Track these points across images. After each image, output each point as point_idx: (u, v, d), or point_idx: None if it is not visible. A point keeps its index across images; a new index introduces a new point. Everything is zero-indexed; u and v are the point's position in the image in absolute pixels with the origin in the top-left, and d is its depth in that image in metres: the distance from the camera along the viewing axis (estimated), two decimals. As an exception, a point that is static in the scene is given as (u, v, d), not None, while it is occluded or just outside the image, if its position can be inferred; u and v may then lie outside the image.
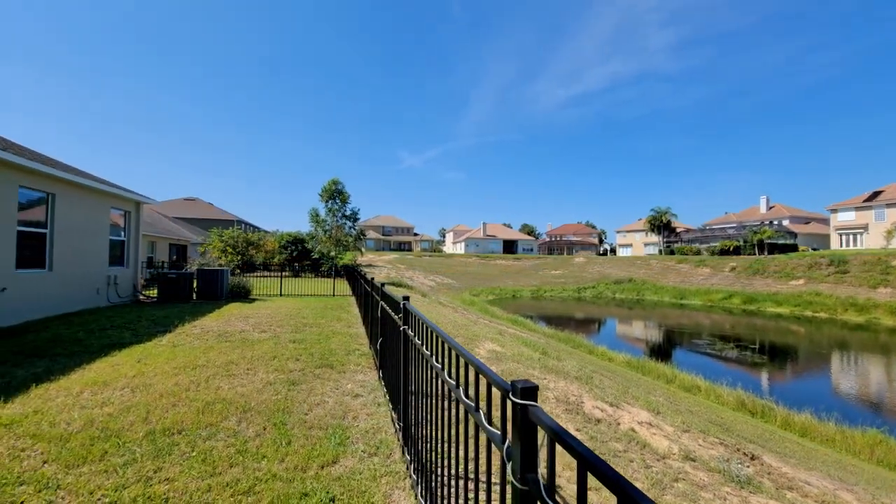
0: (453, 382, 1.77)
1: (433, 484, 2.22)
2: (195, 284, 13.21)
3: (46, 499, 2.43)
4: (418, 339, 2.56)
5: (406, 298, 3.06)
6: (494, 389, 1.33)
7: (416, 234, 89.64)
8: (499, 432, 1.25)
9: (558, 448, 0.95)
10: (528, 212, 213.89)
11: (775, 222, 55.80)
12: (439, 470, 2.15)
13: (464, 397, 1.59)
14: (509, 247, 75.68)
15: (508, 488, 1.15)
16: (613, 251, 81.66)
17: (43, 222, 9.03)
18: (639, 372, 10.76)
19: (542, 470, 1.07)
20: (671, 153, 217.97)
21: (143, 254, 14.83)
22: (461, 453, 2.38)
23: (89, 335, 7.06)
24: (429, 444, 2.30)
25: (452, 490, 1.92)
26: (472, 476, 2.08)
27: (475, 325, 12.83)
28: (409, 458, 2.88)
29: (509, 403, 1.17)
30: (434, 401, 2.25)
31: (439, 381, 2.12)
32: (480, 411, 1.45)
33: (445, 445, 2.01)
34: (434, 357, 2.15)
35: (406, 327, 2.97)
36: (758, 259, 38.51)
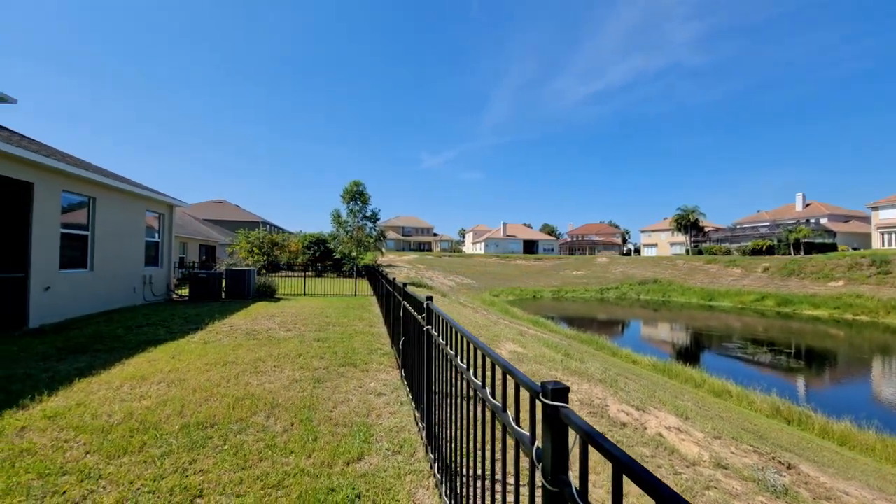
0: (479, 383, 1.77)
1: (457, 483, 2.23)
2: (224, 284, 13.67)
3: (88, 488, 2.57)
4: (442, 338, 2.57)
5: (429, 299, 3.08)
6: (523, 390, 1.32)
7: (435, 235, 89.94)
8: (528, 434, 1.24)
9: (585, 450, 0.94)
10: (548, 212, 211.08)
11: (812, 220, 53.17)
12: (463, 470, 2.15)
13: (490, 398, 1.59)
14: (529, 247, 74.93)
15: (539, 491, 1.15)
16: (638, 251, 79.66)
17: (84, 225, 9.53)
18: (665, 375, 10.46)
19: (573, 472, 1.06)
20: (698, 150, 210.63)
21: (175, 254, 15.45)
22: (487, 454, 2.38)
23: (127, 332, 7.41)
24: (453, 444, 2.31)
25: (478, 491, 1.91)
26: (498, 478, 2.08)
27: (496, 325, 12.77)
28: (432, 457, 2.90)
29: (538, 405, 1.16)
30: (457, 401, 2.26)
31: (464, 382, 2.13)
32: (508, 412, 1.45)
33: (470, 445, 2.01)
34: (459, 357, 2.15)
35: (430, 327, 2.99)
36: (793, 259, 36.77)
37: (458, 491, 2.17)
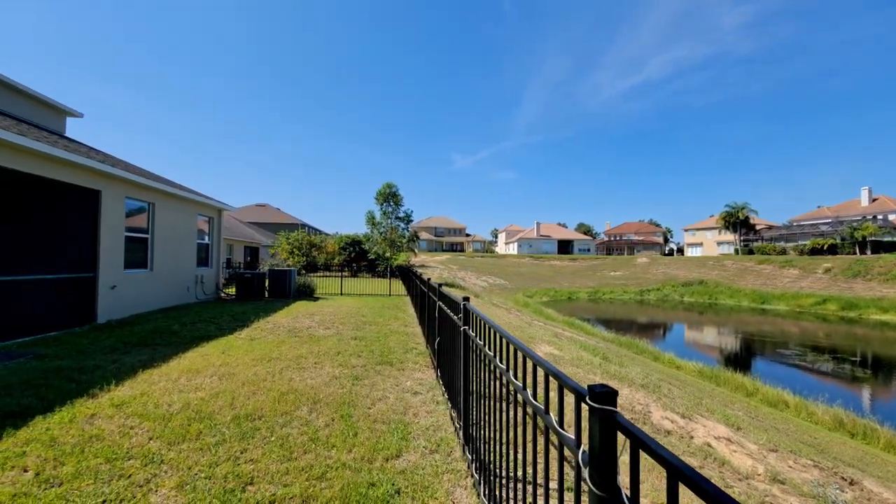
0: (520, 384, 1.76)
1: (495, 484, 2.22)
2: (267, 283, 14.34)
3: (151, 472, 2.78)
4: (480, 339, 2.58)
5: (466, 299, 3.09)
6: (567, 393, 1.31)
7: (468, 235, 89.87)
8: (572, 437, 1.23)
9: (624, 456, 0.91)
10: (584, 211, 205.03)
11: (880, 217, 48.36)
12: (501, 471, 2.14)
13: (532, 399, 1.58)
14: (564, 247, 73.22)
15: (585, 497, 1.13)
16: (681, 251, 75.81)
17: (145, 228, 10.32)
18: (712, 383, 9.89)
19: (621, 478, 1.04)
20: (748, 143, 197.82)
21: (223, 256, 16.39)
22: (528, 456, 2.36)
23: (182, 328, 7.94)
24: (490, 445, 2.31)
25: (519, 493, 1.90)
26: (540, 482, 2.05)
27: (530, 326, 12.59)
28: (469, 457, 2.90)
29: (584, 408, 1.14)
30: (494, 402, 2.25)
31: (502, 383, 2.12)
32: (551, 414, 1.43)
33: (509, 447, 2.00)
34: (497, 358, 2.15)
35: (466, 328, 3.00)
36: (859, 259, 33.67)
37: (497, 493, 2.16)
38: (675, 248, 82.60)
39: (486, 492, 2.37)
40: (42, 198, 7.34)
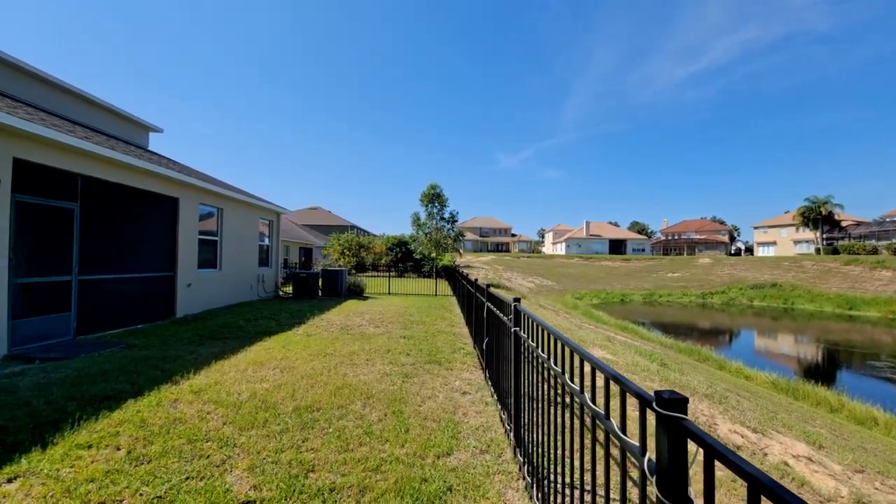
0: (577, 387, 1.72)
1: (549, 489, 2.19)
2: (320, 283, 15.10)
3: (226, 454, 3.04)
4: (532, 340, 2.55)
5: (517, 300, 3.07)
6: (630, 398, 1.26)
7: (513, 235, 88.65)
8: (636, 444, 1.18)
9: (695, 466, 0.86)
10: (638, 209, 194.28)
11: None
12: (554, 476, 2.10)
13: (590, 403, 1.54)
14: (616, 247, 69.87)
15: (651, 504, 1.09)
16: (749, 250, 69.64)
17: (214, 231, 11.28)
18: (789, 396, 8.98)
19: (692, 489, 0.99)
20: (829, 131, 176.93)
21: (280, 256, 17.48)
22: (586, 461, 2.30)
23: (247, 323, 8.59)
24: (543, 448, 2.27)
25: (576, 500, 1.86)
26: (596, 489, 2.00)
27: (580, 329, 12.17)
28: (521, 459, 2.88)
29: (650, 414, 1.10)
30: (546, 405, 2.22)
31: (556, 385, 2.08)
32: (612, 420, 1.39)
33: (563, 451, 1.96)
34: (552, 360, 2.11)
35: (517, 329, 2.98)
36: (974, 259, 28.94)
37: (552, 498, 2.12)
38: (742, 247, 76.01)
39: (540, 496, 2.34)
40: (131, 205, 8.27)
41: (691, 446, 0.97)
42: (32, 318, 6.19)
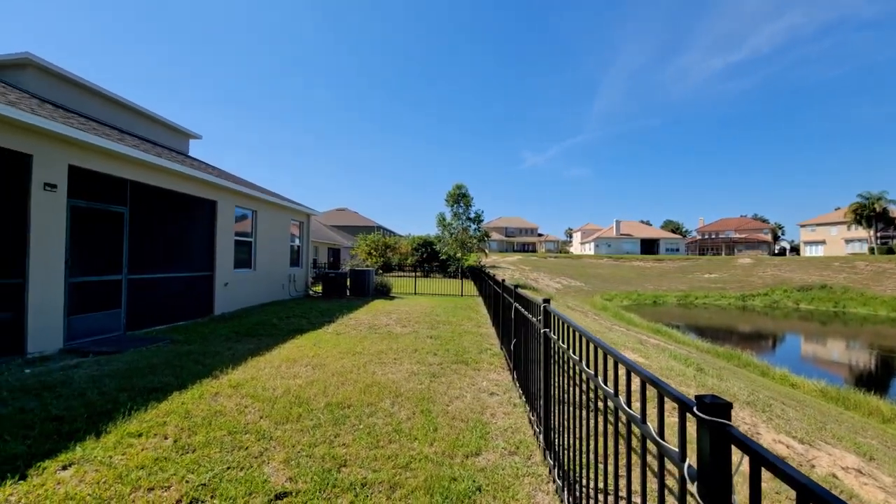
0: (611, 390, 1.69)
1: (581, 494, 2.15)
2: (348, 282, 15.43)
3: (263, 446, 3.16)
4: (563, 342, 2.52)
5: (547, 301, 3.04)
6: (668, 403, 1.23)
7: (540, 235, 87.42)
8: (675, 449, 1.15)
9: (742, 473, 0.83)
10: (671, 207, 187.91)
11: None
12: (586, 481, 2.07)
13: (625, 406, 1.51)
14: (649, 246, 67.55)
15: (691, 512, 1.06)
16: (795, 250, 65.74)
17: (249, 233, 11.75)
18: (839, 405, 8.41)
19: (736, 497, 0.95)
20: (883, 121, 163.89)
21: (310, 257, 17.99)
22: (620, 465, 2.26)
23: (280, 321, 8.90)
24: (574, 452, 2.24)
25: None
26: (629, 495, 1.95)
27: (610, 331, 11.86)
28: (551, 462, 2.85)
29: (690, 419, 1.07)
30: (577, 408, 2.18)
31: (589, 388, 2.05)
32: (648, 424, 1.36)
33: (597, 455, 1.93)
34: (584, 362, 2.08)
35: (547, 330, 2.95)
36: None
37: (584, 502, 2.09)
38: (787, 247, 71.85)
39: (571, 500, 2.31)
40: (174, 209, 8.75)
41: (734, 454, 0.94)
42: (86, 315, 6.66)
